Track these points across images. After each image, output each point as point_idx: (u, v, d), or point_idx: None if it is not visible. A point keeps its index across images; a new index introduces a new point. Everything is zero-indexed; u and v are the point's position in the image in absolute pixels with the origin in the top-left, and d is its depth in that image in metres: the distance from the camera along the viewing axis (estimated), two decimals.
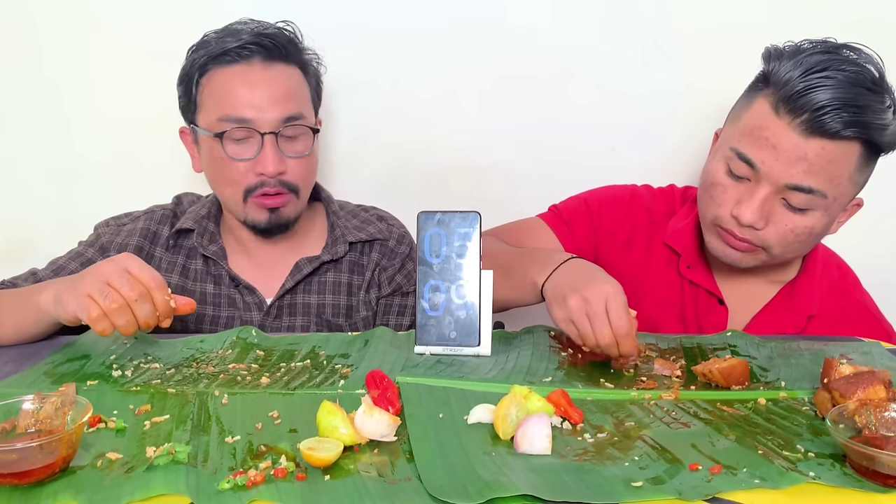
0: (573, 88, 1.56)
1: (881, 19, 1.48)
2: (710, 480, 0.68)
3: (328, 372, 0.95)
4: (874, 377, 0.79)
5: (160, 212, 1.34)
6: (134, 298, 0.93)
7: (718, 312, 1.24)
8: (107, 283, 0.93)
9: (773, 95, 1.07)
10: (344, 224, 1.36)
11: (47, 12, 1.50)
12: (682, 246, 1.26)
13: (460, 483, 0.66)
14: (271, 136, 1.20)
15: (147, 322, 0.94)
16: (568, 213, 1.32)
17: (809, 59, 1.05)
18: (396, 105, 1.56)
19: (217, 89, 1.21)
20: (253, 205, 1.24)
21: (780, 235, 1.11)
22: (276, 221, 1.25)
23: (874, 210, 1.23)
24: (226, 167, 1.22)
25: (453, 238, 1.02)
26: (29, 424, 0.74)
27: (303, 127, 1.23)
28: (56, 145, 1.57)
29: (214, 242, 1.32)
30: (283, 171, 1.22)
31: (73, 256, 1.29)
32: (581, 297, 0.97)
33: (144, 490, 0.65)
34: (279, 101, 1.20)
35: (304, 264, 1.31)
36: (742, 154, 1.10)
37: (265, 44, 1.21)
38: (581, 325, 0.97)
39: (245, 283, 1.30)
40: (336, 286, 1.34)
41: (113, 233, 1.31)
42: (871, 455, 0.67)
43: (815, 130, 1.04)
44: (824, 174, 1.06)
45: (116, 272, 0.94)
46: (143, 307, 0.94)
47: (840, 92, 1.02)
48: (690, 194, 1.33)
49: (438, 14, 1.52)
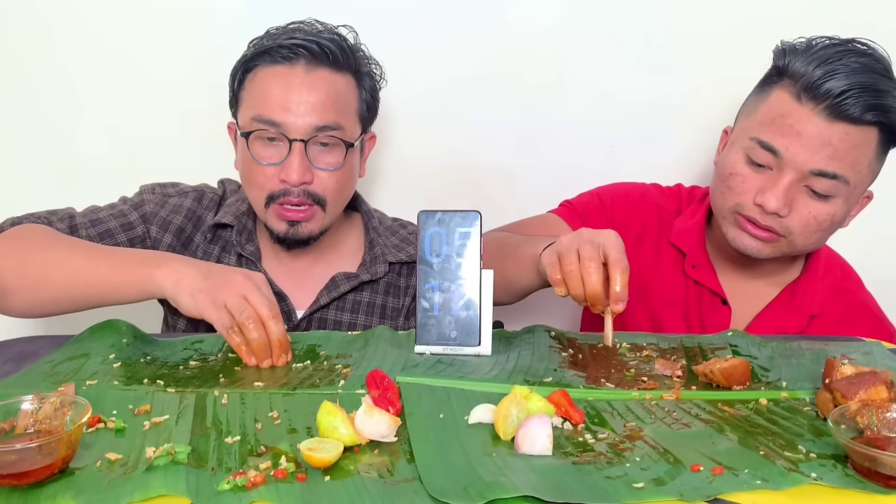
0: (572, 88, 1.56)
1: (881, 20, 1.48)
2: (712, 481, 0.68)
3: (328, 372, 0.95)
4: (876, 377, 0.78)
5: (210, 195, 1.31)
6: (270, 317, 0.95)
7: (722, 312, 1.24)
8: (244, 298, 0.95)
9: (794, 85, 1.09)
10: (384, 242, 1.31)
11: (50, 8, 1.50)
12: (688, 246, 1.26)
13: (461, 484, 0.66)
14: (300, 144, 1.16)
15: (280, 341, 0.95)
16: (582, 207, 1.33)
17: (824, 51, 1.08)
18: (396, 105, 1.56)
19: (256, 88, 1.19)
20: (273, 213, 1.20)
21: (803, 223, 1.12)
22: (294, 235, 1.21)
23: (876, 210, 1.23)
24: (252, 169, 1.19)
25: (453, 237, 1.02)
26: (28, 425, 0.74)
27: (336, 139, 1.19)
28: (56, 142, 1.56)
29: (251, 242, 1.29)
30: (308, 181, 1.17)
31: (115, 214, 1.25)
32: (577, 233, 0.96)
33: (144, 491, 0.65)
34: (315, 107, 1.16)
35: (341, 281, 1.27)
36: (765, 142, 1.10)
37: (311, 47, 1.17)
38: (567, 252, 0.93)
39: (277, 290, 1.25)
40: (370, 307, 1.30)
41: (158, 203, 1.28)
42: (872, 456, 0.67)
43: (839, 115, 1.06)
44: (847, 159, 1.08)
45: (255, 290, 0.96)
46: (279, 326, 0.95)
47: (859, 77, 1.05)
48: (697, 194, 1.34)
49: (438, 15, 1.52)
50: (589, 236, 0.95)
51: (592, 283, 0.92)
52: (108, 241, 1.22)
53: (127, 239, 1.24)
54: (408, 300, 1.32)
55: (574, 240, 0.95)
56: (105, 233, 1.23)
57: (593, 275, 0.91)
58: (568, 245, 0.95)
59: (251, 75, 1.20)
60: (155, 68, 1.52)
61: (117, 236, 1.24)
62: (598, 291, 0.92)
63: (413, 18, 1.52)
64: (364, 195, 1.46)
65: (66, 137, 1.56)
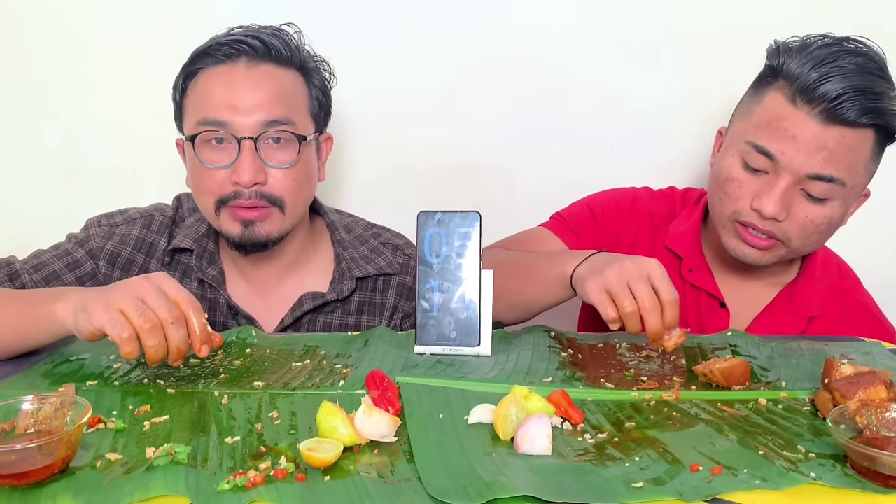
0: (573, 89, 1.56)
1: (880, 21, 1.48)
2: (711, 481, 0.68)
3: (328, 372, 0.95)
4: (875, 377, 0.79)
5: (159, 218, 1.25)
6: (170, 321, 0.85)
7: (720, 315, 1.24)
8: (142, 301, 0.85)
9: (788, 88, 1.08)
10: (350, 255, 1.24)
11: (48, 11, 1.50)
12: (684, 250, 1.26)
13: (460, 484, 0.66)
14: (249, 142, 1.10)
15: (179, 348, 0.86)
16: (573, 219, 1.31)
17: (819, 51, 1.07)
18: (397, 105, 1.56)
19: (198, 92, 1.13)
20: (226, 216, 1.13)
21: (801, 227, 1.11)
22: (250, 237, 1.13)
23: (876, 210, 1.23)
24: (201, 175, 1.13)
25: (453, 238, 1.02)
26: (28, 425, 0.74)
27: (287, 133, 1.12)
28: (57, 144, 1.57)
29: (213, 265, 1.22)
30: (262, 181, 1.11)
31: (59, 255, 1.20)
32: (620, 266, 0.94)
33: (144, 491, 0.65)
34: (262, 103, 1.10)
35: (306, 300, 1.21)
36: (760, 146, 1.10)
37: (252, 43, 1.12)
38: (621, 292, 0.92)
39: (244, 314, 1.20)
40: (342, 329, 1.23)
41: (104, 235, 1.22)
42: (872, 456, 0.67)
43: (835, 118, 1.05)
44: (843, 162, 1.07)
45: (154, 291, 0.86)
46: (178, 332, 0.85)
47: (855, 80, 1.04)
48: (691, 196, 1.33)
49: (439, 16, 1.52)
50: (637, 272, 0.93)
51: (653, 326, 0.92)
52: (55, 283, 1.17)
53: (75, 278, 1.19)
54: (386, 319, 1.24)
55: (622, 275, 0.93)
56: (50, 275, 1.18)
57: (654, 318, 0.92)
58: (618, 282, 0.93)
59: (192, 82, 1.15)
60: (153, 71, 1.51)
61: (64, 277, 1.19)
62: (660, 332, 0.93)
63: (414, 20, 1.52)
64: (364, 196, 1.46)
65: (68, 139, 1.56)
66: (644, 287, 0.92)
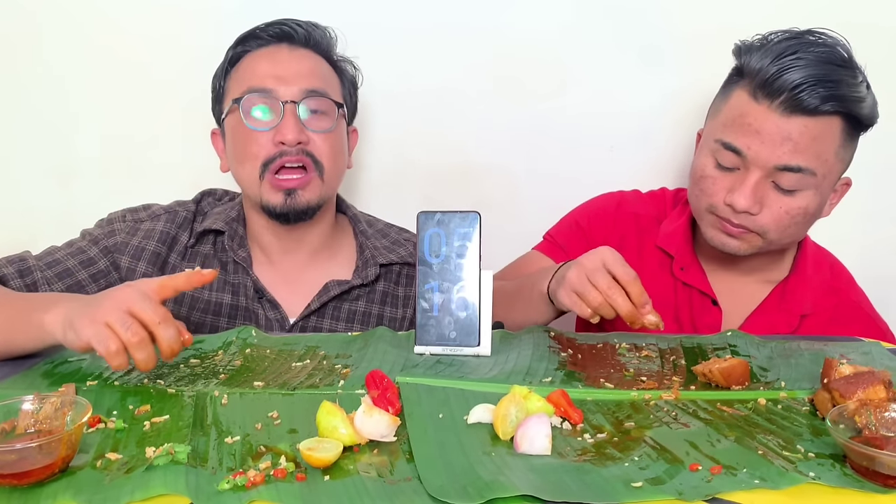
0: (572, 89, 1.56)
1: (880, 22, 1.48)
2: (710, 481, 0.68)
3: (328, 372, 0.95)
4: (874, 377, 0.79)
5: (182, 213, 1.28)
6: (157, 321, 0.85)
7: (712, 313, 1.24)
8: (128, 311, 0.85)
9: (750, 84, 1.10)
10: (373, 244, 1.29)
11: (48, 8, 1.50)
12: (675, 248, 1.27)
13: (460, 483, 0.66)
14: (292, 106, 1.18)
15: (171, 346, 0.86)
16: (561, 236, 1.34)
17: (778, 45, 1.09)
18: (397, 105, 1.56)
19: (243, 71, 1.22)
20: (268, 185, 1.18)
21: (776, 219, 1.12)
22: (292, 205, 1.19)
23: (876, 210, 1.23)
24: (246, 140, 1.18)
25: (453, 238, 1.02)
26: (28, 425, 0.74)
27: (327, 101, 1.20)
28: (55, 143, 1.56)
29: (243, 247, 1.26)
30: (304, 140, 1.18)
31: (73, 252, 1.22)
32: (577, 266, 1.00)
33: (144, 490, 0.65)
34: (303, 74, 1.20)
35: (332, 287, 1.25)
36: (728, 143, 1.12)
37: (296, 29, 1.22)
38: (583, 288, 0.97)
39: (269, 297, 1.24)
40: (366, 317, 1.28)
41: (129, 231, 1.25)
42: (871, 455, 0.67)
43: (795, 109, 1.07)
44: (810, 151, 1.08)
45: (138, 296, 0.86)
46: (167, 331, 0.85)
47: (812, 69, 1.06)
48: (682, 196, 1.34)
49: (439, 15, 1.52)
50: (591, 264, 0.99)
51: (622, 307, 0.97)
52: (67, 280, 1.19)
53: (89, 275, 1.21)
54: (408, 311, 1.29)
55: (580, 272, 1.00)
56: (64, 272, 1.19)
57: (619, 300, 0.97)
58: (579, 280, 0.99)
59: (237, 66, 1.23)
60: (151, 69, 1.52)
61: (77, 274, 1.20)
62: (631, 310, 0.97)
63: (413, 19, 1.52)
64: (364, 196, 1.46)
65: (63, 138, 1.56)
66: (601, 276, 0.97)
